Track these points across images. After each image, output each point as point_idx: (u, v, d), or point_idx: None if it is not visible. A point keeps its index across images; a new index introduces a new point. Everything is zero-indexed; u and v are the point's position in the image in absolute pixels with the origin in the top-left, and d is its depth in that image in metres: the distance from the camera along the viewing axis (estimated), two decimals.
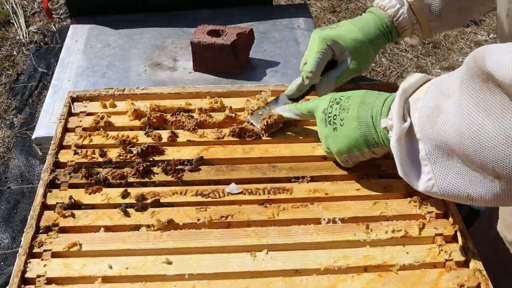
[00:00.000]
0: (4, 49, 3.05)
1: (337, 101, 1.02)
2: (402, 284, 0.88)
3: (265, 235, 0.95)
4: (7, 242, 2.14)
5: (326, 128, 1.03)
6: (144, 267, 0.90)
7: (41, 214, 0.98)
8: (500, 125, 0.72)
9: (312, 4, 3.42)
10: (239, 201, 1.02)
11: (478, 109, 0.74)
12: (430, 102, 0.84)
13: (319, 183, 1.05)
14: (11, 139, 2.53)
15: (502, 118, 0.72)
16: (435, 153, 0.83)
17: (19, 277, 0.88)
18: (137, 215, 0.99)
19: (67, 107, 1.22)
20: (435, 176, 0.84)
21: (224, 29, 1.65)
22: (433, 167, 0.84)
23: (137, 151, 1.09)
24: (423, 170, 0.86)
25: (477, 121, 0.74)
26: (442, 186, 0.84)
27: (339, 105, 1.01)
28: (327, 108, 1.02)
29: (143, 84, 1.60)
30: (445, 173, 0.83)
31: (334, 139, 1.01)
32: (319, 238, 0.95)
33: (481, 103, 0.74)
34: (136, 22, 1.93)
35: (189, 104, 1.23)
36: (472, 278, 0.89)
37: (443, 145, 0.81)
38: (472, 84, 0.76)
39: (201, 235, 0.95)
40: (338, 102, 1.01)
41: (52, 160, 1.08)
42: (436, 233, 0.96)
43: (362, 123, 0.97)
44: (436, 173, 0.84)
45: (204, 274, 0.89)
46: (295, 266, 0.90)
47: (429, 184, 0.85)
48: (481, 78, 0.74)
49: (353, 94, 1.01)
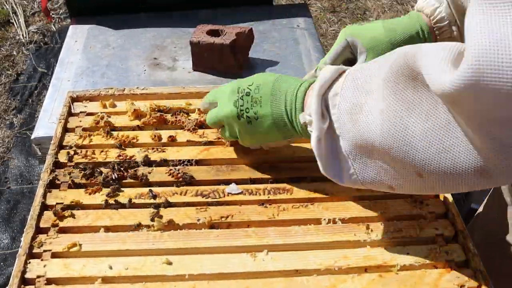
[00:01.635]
0: (4, 49, 3.04)
1: (246, 92, 0.97)
2: (403, 285, 0.88)
3: (265, 235, 0.95)
4: (7, 242, 2.14)
5: (240, 121, 0.99)
6: (144, 267, 0.90)
7: (40, 214, 0.98)
8: (427, 126, 0.70)
9: (312, 4, 3.42)
10: (239, 201, 1.01)
11: (405, 108, 0.72)
12: (349, 98, 0.81)
13: (319, 183, 1.05)
14: (11, 139, 2.53)
15: (429, 118, 0.70)
16: (356, 150, 0.81)
17: (19, 278, 0.87)
18: (137, 215, 0.98)
19: (67, 107, 1.22)
20: (355, 171, 0.83)
21: (223, 29, 1.64)
22: (353, 163, 0.83)
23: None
24: (344, 166, 0.84)
25: (404, 121, 0.72)
26: (363, 179, 0.83)
27: (250, 97, 0.97)
28: (237, 100, 0.98)
29: (143, 84, 1.60)
30: (366, 168, 0.82)
31: (249, 133, 1.00)
32: (320, 238, 0.95)
33: (408, 103, 0.72)
34: (136, 22, 1.93)
35: (189, 104, 1.23)
36: (473, 278, 0.88)
37: (365, 143, 0.79)
38: (398, 83, 0.73)
39: (201, 235, 0.95)
40: (248, 93, 0.97)
41: (52, 160, 1.08)
42: (436, 234, 0.96)
43: (278, 119, 0.95)
44: (356, 168, 0.83)
45: (204, 275, 0.89)
46: (295, 267, 0.90)
47: (352, 179, 0.84)
48: (408, 77, 0.72)
49: (262, 82, 0.97)
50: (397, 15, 3.19)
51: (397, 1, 3.33)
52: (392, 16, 3.18)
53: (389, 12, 3.21)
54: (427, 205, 1.00)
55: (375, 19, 3.15)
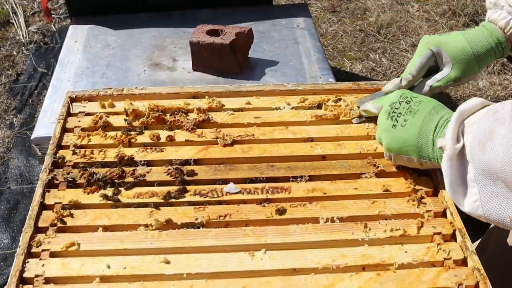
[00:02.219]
0: (4, 49, 3.04)
1: (407, 100, 1.02)
2: (401, 283, 0.88)
3: (263, 234, 0.95)
4: (7, 242, 2.14)
5: (386, 121, 1.03)
6: (142, 266, 0.90)
7: (39, 214, 0.98)
8: None
9: (312, 4, 3.42)
10: (238, 200, 1.02)
11: None
12: (484, 127, 0.85)
13: (317, 182, 1.05)
14: (11, 139, 2.53)
15: None
16: (483, 176, 0.85)
17: (17, 277, 0.88)
18: (135, 214, 0.99)
19: (65, 107, 1.22)
20: (481, 198, 0.86)
21: (223, 29, 1.65)
22: (480, 190, 0.86)
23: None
24: (470, 192, 0.88)
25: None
26: (487, 208, 0.85)
27: (408, 105, 1.01)
28: (395, 102, 1.03)
29: (143, 84, 1.60)
30: (490, 196, 0.85)
31: (390, 135, 1.02)
32: (317, 237, 0.95)
33: None
34: (135, 22, 1.94)
35: (187, 104, 1.23)
36: (471, 276, 0.88)
37: (490, 170, 0.83)
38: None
39: (199, 234, 0.95)
40: (408, 101, 1.02)
41: (51, 160, 1.08)
42: (434, 232, 0.96)
43: (423, 134, 0.98)
44: (482, 195, 0.85)
45: (202, 274, 0.89)
46: (293, 265, 0.90)
47: (475, 206, 0.87)
48: None
49: (426, 100, 1.01)
50: (396, 15, 3.19)
51: (397, 1, 3.33)
52: (391, 15, 3.17)
53: (389, 12, 3.21)
54: (425, 204, 1.00)
55: (375, 19, 3.15)
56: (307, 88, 1.27)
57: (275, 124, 1.18)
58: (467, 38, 1.15)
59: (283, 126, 1.17)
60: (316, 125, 1.17)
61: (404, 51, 3.10)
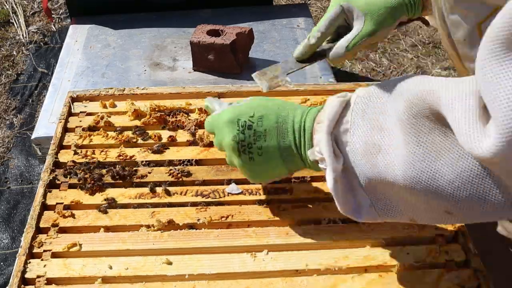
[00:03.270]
0: (4, 49, 3.04)
1: (248, 125, 0.87)
2: (403, 285, 0.88)
3: (265, 235, 0.95)
4: (7, 242, 2.14)
5: (240, 157, 0.89)
6: (144, 267, 0.90)
7: (40, 214, 0.98)
8: (458, 171, 0.66)
9: (312, 4, 3.42)
10: (239, 201, 1.01)
11: (432, 154, 0.69)
12: (361, 136, 0.76)
13: (319, 183, 1.05)
14: (11, 139, 2.53)
15: (460, 165, 0.66)
16: (375, 186, 0.77)
17: (19, 278, 0.87)
18: (137, 215, 0.98)
19: (67, 107, 1.22)
20: (374, 205, 0.78)
21: (223, 29, 1.65)
22: (371, 198, 0.78)
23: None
24: (362, 201, 0.79)
25: (431, 167, 0.69)
26: (382, 212, 0.78)
27: (253, 131, 0.87)
28: (237, 135, 0.88)
29: (143, 84, 1.60)
30: (385, 202, 0.77)
31: (251, 169, 0.91)
32: (320, 238, 0.95)
33: (435, 148, 0.68)
34: (136, 22, 1.94)
35: (189, 104, 1.23)
36: (473, 278, 0.88)
37: (385, 182, 0.74)
38: (420, 126, 0.69)
39: (201, 235, 0.95)
40: (249, 126, 0.87)
41: (52, 160, 1.08)
42: (436, 234, 0.95)
43: (286, 152, 0.87)
44: (375, 202, 0.78)
45: (204, 275, 0.89)
46: (295, 267, 0.90)
47: (370, 213, 0.79)
48: (429, 119, 0.68)
49: (264, 113, 0.88)
50: None
51: None
52: None
53: None
54: None
55: None
56: (309, 88, 1.27)
57: None
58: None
59: None
60: None
61: (404, 51, 3.10)
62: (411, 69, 2.98)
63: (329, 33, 1.10)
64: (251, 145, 0.87)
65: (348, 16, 1.08)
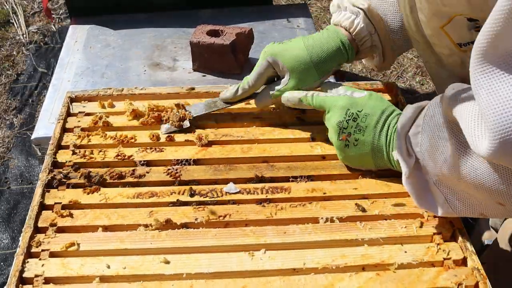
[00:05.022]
0: (4, 49, 3.05)
1: (354, 117, 1.01)
2: (400, 283, 0.88)
3: (263, 234, 0.95)
4: (7, 242, 2.14)
5: (338, 141, 1.04)
6: (142, 266, 0.90)
7: (39, 214, 0.98)
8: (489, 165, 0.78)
9: (312, 4, 3.42)
10: (237, 200, 1.02)
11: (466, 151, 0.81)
12: (427, 137, 0.89)
13: (317, 182, 1.05)
14: (11, 139, 2.53)
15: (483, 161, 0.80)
16: (442, 183, 0.89)
17: (17, 277, 0.88)
18: (135, 214, 0.99)
19: (65, 108, 1.22)
20: (447, 200, 0.90)
21: (223, 29, 1.64)
22: (443, 192, 0.90)
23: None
24: (437, 197, 0.91)
25: (470, 163, 0.81)
26: (455, 207, 0.90)
27: (356, 123, 1.01)
28: (342, 122, 1.02)
29: (143, 84, 1.60)
30: (455, 198, 0.89)
31: (344, 154, 1.04)
32: (317, 237, 0.95)
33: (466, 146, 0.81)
34: (136, 22, 1.93)
35: (188, 104, 1.23)
36: (470, 276, 0.88)
37: (448, 179, 0.87)
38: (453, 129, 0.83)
39: (199, 234, 0.95)
40: (355, 118, 1.01)
41: (50, 160, 1.09)
42: (434, 232, 0.96)
43: (377, 150, 1.01)
44: (448, 198, 0.90)
45: (202, 274, 0.89)
46: (293, 265, 0.90)
47: (445, 208, 0.91)
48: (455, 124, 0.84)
49: (370, 112, 1.01)
50: None
51: None
52: None
53: None
54: None
55: None
56: None
57: (275, 124, 1.18)
58: (306, 43, 1.12)
59: (283, 126, 1.17)
60: (316, 125, 1.17)
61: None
62: (411, 69, 2.98)
63: (259, 85, 1.16)
64: (350, 134, 1.01)
65: (275, 68, 1.14)
